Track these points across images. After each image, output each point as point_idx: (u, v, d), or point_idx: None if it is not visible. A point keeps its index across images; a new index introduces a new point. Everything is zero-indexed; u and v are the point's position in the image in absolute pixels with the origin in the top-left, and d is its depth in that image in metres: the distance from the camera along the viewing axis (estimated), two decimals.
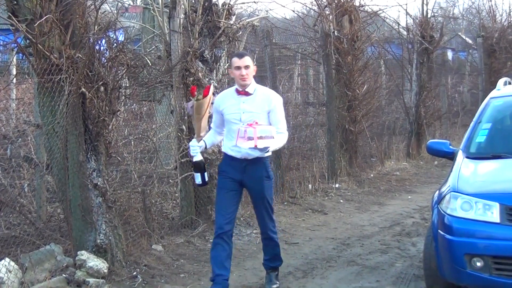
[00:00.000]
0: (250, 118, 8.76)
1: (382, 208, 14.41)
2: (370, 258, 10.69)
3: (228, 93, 9.61)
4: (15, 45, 9.58)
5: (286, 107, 16.41)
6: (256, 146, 8.46)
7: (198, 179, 9.19)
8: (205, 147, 9.63)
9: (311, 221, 12.96)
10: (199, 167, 9.19)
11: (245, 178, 9.18)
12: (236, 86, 9.23)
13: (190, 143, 9.29)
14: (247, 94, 8.97)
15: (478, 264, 7.89)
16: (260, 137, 8.53)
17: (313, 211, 13.54)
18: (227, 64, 12.19)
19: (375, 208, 14.39)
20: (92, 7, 9.82)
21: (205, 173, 9.26)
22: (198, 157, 9.14)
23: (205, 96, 8.91)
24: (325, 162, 16.00)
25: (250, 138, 8.47)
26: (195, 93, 8.97)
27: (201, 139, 9.26)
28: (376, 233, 12.29)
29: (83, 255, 9.30)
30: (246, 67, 8.98)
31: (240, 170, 9.13)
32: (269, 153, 9.33)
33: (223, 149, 9.38)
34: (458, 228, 8.05)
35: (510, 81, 11.47)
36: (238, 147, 8.82)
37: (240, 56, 9.19)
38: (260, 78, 16.30)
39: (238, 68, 8.96)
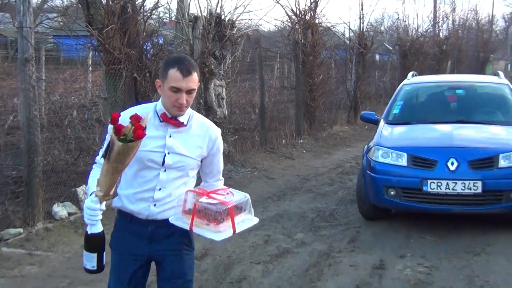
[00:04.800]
0: (178, 164, 3.71)
1: (330, 156, 14.38)
2: (322, 188, 10.67)
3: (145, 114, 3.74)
4: (91, 45, 9.56)
5: (268, 90, 16.61)
6: (235, 231, 3.58)
7: (92, 262, 3.74)
8: None
9: (283, 164, 12.94)
10: (97, 243, 3.75)
11: (154, 250, 3.86)
12: (159, 106, 3.78)
13: (87, 205, 3.60)
14: (179, 124, 3.77)
15: (392, 192, 7.99)
16: (239, 211, 3.63)
17: (285, 158, 13.51)
18: (229, 60, 12.11)
19: (326, 156, 14.35)
20: (142, 20, 9.81)
21: (104, 252, 3.77)
22: (98, 227, 3.71)
23: (139, 137, 3.38)
24: (294, 126, 15.98)
25: (220, 218, 3.53)
26: (122, 129, 3.35)
27: (107, 200, 3.66)
28: (326, 172, 12.27)
29: None
30: (190, 92, 3.64)
31: (145, 238, 3.85)
32: None
33: (115, 203, 3.92)
34: (379, 169, 8.14)
35: (415, 74, 11.59)
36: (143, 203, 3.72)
37: (186, 71, 3.59)
38: (252, 71, 16.31)
39: (177, 90, 3.59)
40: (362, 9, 21.43)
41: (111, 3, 9.29)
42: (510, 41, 68.43)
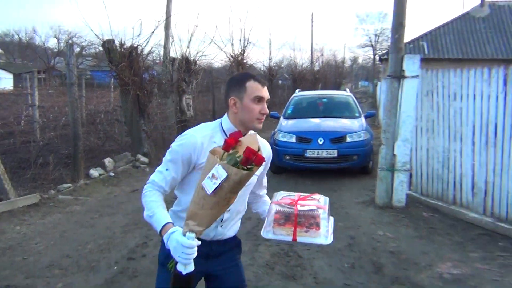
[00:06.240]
0: (247, 183, 1.75)
1: None
2: None
3: (211, 135, 1.89)
4: (111, 75, 9.33)
5: (218, 101, 16.43)
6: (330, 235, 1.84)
7: None
8: None
9: None
10: (192, 281, 1.61)
11: (212, 266, 1.97)
12: (227, 125, 1.91)
13: (183, 243, 1.57)
14: None
15: (287, 158, 8.02)
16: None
17: None
18: (194, 84, 11.89)
19: None
20: (141, 60, 9.56)
21: None
22: (192, 265, 1.58)
23: (261, 162, 1.55)
24: None
25: (308, 223, 1.81)
26: (252, 157, 1.52)
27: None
28: None
29: (139, 156, 9.15)
30: (267, 102, 1.91)
31: (204, 256, 1.87)
32: None
33: (180, 225, 1.70)
34: (280, 144, 8.11)
35: (300, 90, 11.69)
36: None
37: (263, 82, 1.93)
38: (208, 91, 16.10)
39: (260, 99, 1.89)
40: (270, 53, 21.54)
41: (123, 50, 9.08)
42: (354, 72, 69.95)
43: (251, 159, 1.55)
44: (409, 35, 38.91)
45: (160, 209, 1.78)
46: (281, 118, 9.34)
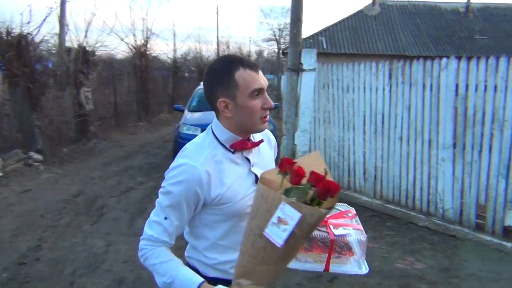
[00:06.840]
0: None
1: (158, 132, 14.03)
2: (153, 151, 10.34)
3: (213, 154, 1.38)
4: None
5: (120, 94, 15.76)
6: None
7: None
8: None
9: (130, 138, 12.40)
10: None
11: None
12: (223, 135, 1.42)
13: None
14: (258, 143, 1.40)
15: None
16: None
17: (130, 134, 12.96)
18: (94, 75, 11.27)
19: (156, 132, 13.97)
20: (32, 49, 8.84)
21: None
22: None
23: (335, 192, 1.10)
24: (136, 115, 15.35)
25: (339, 246, 1.31)
26: (331, 186, 1.07)
27: None
28: (156, 141, 11.95)
29: (32, 153, 8.49)
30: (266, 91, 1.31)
31: None
32: None
33: (206, 271, 1.38)
34: (185, 137, 7.97)
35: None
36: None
37: (255, 66, 1.32)
38: (109, 82, 15.38)
39: (259, 92, 1.31)
40: (175, 45, 21.24)
41: (9, 38, 8.33)
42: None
43: (330, 189, 1.13)
44: (310, 30, 40.59)
45: (179, 268, 1.31)
46: (186, 111, 9.24)
